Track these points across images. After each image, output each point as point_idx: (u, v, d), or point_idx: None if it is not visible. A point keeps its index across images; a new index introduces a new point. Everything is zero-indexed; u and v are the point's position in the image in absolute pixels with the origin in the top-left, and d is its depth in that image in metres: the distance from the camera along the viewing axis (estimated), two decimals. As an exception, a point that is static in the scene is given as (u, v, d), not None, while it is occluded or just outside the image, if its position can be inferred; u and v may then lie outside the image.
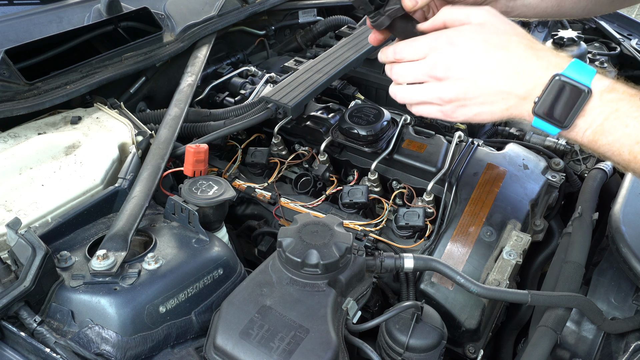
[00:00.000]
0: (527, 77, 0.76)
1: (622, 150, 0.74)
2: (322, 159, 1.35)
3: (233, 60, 1.85)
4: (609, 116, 0.74)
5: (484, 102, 0.79)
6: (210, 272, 0.96)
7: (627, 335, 1.00)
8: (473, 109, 0.81)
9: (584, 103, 0.74)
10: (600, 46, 2.23)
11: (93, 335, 0.84)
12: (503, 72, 0.77)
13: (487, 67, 0.77)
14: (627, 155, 0.74)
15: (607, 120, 0.74)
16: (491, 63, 0.77)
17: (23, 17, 1.41)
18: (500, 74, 0.77)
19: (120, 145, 1.20)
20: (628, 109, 0.73)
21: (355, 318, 0.92)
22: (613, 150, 0.75)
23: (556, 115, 0.75)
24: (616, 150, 0.74)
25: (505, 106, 0.79)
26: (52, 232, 0.96)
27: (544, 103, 0.75)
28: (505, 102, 0.78)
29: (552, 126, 0.77)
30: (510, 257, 1.09)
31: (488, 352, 1.26)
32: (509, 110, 0.79)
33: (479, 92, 0.79)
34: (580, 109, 0.74)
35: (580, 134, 0.76)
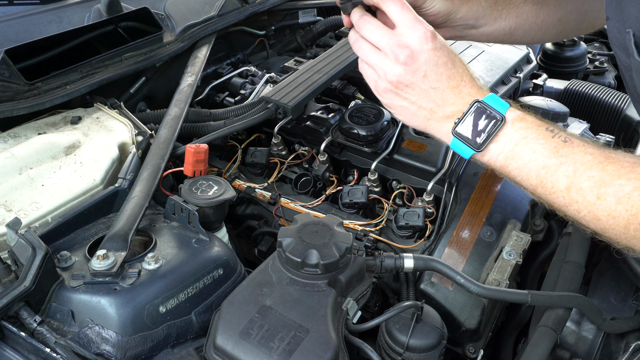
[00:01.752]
0: (456, 101, 0.85)
1: (530, 175, 0.81)
2: (322, 159, 1.35)
3: (233, 60, 1.85)
4: (519, 142, 0.81)
5: (414, 102, 0.87)
6: (210, 272, 0.96)
7: (627, 335, 1.00)
8: (401, 102, 0.88)
9: (498, 128, 0.82)
10: (600, 46, 2.23)
11: (93, 335, 0.84)
12: (442, 90, 0.86)
13: (434, 81, 0.85)
14: (534, 179, 0.81)
15: (517, 146, 0.82)
16: (437, 80, 0.85)
17: (23, 17, 1.41)
18: (440, 90, 0.86)
19: (120, 145, 1.20)
20: (536, 137, 0.81)
21: (355, 318, 0.92)
22: (522, 175, 0.82)
23: (473, 138, 0.84)
24: (525, 175, 0.82)
25: (428, 116, 0.88)
26: (52, 232, 0.96)
27: (465, 124, 0.84)
28: (430, 113, 0.88)
29: (468, 147, 0.85)
30: (510, 257, 1.09)
31: (488, 352, 1.26)
32: (429, 122, 0.88)
33: (417, 93, 0.86)
34: (494, 133, 0.82)
35: (494, 158, 0.84)
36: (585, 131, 1.46)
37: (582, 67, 2.01)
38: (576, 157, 0.78)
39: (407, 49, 0.84)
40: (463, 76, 0.87)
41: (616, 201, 0.74)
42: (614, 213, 0.74)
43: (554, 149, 0.79)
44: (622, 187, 0.74)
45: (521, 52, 1.61)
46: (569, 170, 0.78)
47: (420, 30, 0.84)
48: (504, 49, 1.60)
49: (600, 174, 0.76)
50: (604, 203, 0.75)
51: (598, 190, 0.75)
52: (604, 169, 0.76)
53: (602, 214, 0.76)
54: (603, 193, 0.75)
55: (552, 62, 2.01)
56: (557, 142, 0.80)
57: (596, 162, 0.77)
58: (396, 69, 0.85)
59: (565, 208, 0.80)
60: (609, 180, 0.75)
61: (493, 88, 1.43)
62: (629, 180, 0.74)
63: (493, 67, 1.49)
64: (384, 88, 0.89)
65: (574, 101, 1.73)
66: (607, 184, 0.75)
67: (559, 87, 1.78)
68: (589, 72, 2.04)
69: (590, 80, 1.94)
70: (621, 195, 0.73)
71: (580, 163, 0.77)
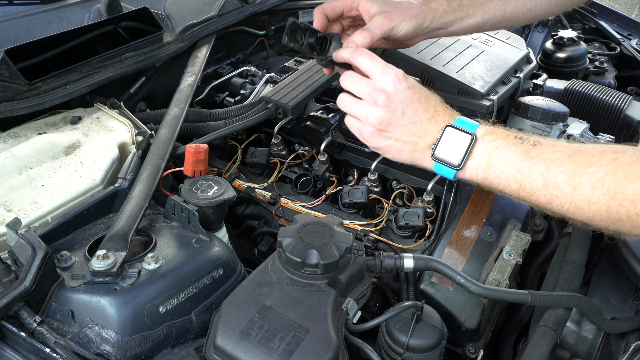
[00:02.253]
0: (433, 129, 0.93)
1: (508, 181, 0.87)
2: (322, 159, 1.35)
3: (233, 60, 1.85)
4: (492, 153, 0.88)
5: (398, 139, 0.95)
6: (210, 272, 0.96)
7: (627, 335, 1.00)
8: (386, 142, 0.96)
9: (471, 146, 0.89)
10: (600, 46, 2.23)
11: (93, 335, 0.84)
12: (420, 123, 0.94)
13: (411, 116, 0.93)
14: (514, 184, 0.86)
15: (491, 157, 0.88)
16: (415, 115, 0.93)
17: (23, 17, 1.41)
18: (419, 123, 0.94)
19: (120, 145, 1.20)
20: (506, 145, 0.88)
21: (355, 318, 0.92)
22: (502, 183, 0.88)
23: (451, 159, 0.91)
24: (504, 182, 0.88)
25: (412, 149, 0.96)
26: (52, 232, 0.96)
27: (441, 148, 0.92)
28: (413, 146, 0.95)
29: (449, 168, 0.92)
30: (510, 257, 1.09)
31: (488, 352, 1.26)
32: (415, 154, 0.96)
33: (398, 130, 0.94)
34: (468, 150, 0.89)
35: (474, 174, 0.91)
36: (585, 131, 1.46)
37: (582, 67, 2.01)
38: (546, 156, 0.83)
39: (383, 92, 0.93)
40: (437, 107, 0.95)
41: (592, 188, 0.78)
42: (592, 199, 0.78)
43: (525, 152, 0.86)
44: (594, 174, 0.78)
45: (521, 52, 1.60)
46: (541, 169, 0.83)
47: (391, 74, 0.93)
48: (504, 49, 1.59)
49: (571, 167, 0.81)
50: (581, 192, 0.79)
51: (573, 182, 0.80)
52: (574, 162, 0.81)
53: (582, 203, 0.80)
54: (578, 183, 0.79)
55: (552, 62, 2.01)
56: (527, 147, 0.86)
57: (566, 157, 0.82)
58: (376, 112, 0.94)
59: (549, 205, 0.84)
60: (580, 170, 0.80)
61: (493, 88, 1.42)
62: (600, 167, 0.78)
63: (493, 67, 1.49)
64: (368, 132, 0.97)
65: (574, 101, 1.73)
66: (580, 173, 0.80)
67: (559, 87, 1.77)
68: (589, 72, 2.04)
69: (590, 80, 1.94)
70: (595, 181, 0.78)
71: (550, 161, 0.83)
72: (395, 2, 1.07)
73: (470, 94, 1.39)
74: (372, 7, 1.05)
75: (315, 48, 1.04)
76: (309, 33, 1.03)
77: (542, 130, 1.48)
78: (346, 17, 1.12)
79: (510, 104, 1.57)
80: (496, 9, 1.14)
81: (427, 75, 1.42)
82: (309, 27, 1.03)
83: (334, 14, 1.10)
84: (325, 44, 1.04)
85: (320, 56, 1.04)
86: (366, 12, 1.07)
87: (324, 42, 1.04)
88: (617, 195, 0.76)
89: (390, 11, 1.05)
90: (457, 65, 1.45)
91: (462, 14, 1.12)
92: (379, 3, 1.06)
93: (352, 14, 1.11)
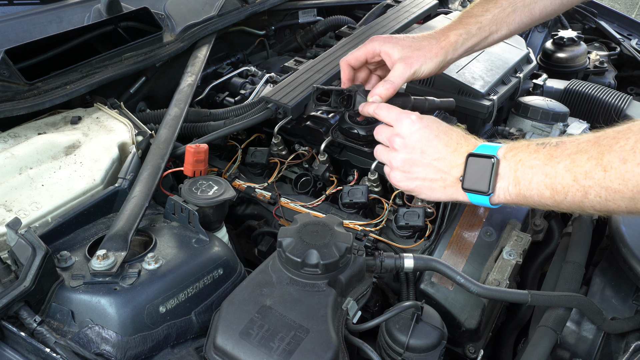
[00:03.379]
0: (457, 162, 0.93)
1: (540, 189, 0.83)
2: (322, 159, 1.35)
3: (233, 60, 1.85)
4: (516, 167, 0.87)
5: (425, 178, 0.96)
6: (210, 272, 0.96)
7: (627, 335, 1.00)
8: (415, 183, 0.98)
9: (494, 168, 0.88)
10: (600, 46, 2.23)
11: (93, 335, 0.84)
12: (443, 158, 0.95)
13: (432, 153, 0.95)
14: (547, 190, 0.83)
15: (517, 171, 0.87)
16: (436, 151, 0.95)
17: (23, 17, 1.41)
18: (442, 159, 0.95)
19: (120, 145, 1.20)
20: (528, 155, 0.86)
21: (356, 318, 0.92)
22: (536, 193, 0.85)
23: (480, 187, 0.90)
24: (537, 192, 0.84)
25: (442, 185, 0.96)
26: (52, 232, 0.96)
27: (468, 178, 0.91)
28: (442, 182, 0.95)
29: (482, 196, 0.90)
30: (510, 257, 1.09)
31: (488, 352, 1.26)
32: (447, 190, 0.96)
33: (423, 169, 0.96)
34: (494, 173, 0.88)
35: (507, 193, 0.89)
36: (585, 131, 1.46)
37: (582, 67, 2.01)
38: (570, 151, 0.80)
39: (399, 136, 0.97)
40: (459, 140, 0.95)
41: (622, 161, 0.72)
42: (626, 175, 0.72)
43: (548, 155, 0.83)
44: (622, 147, 0.73)
45: (521, 52, 1.60)
46: (567, 164, 0.79)
47: (405, 118, 0.97)
48: (504, 49, 1.60)
49: (597, 150, 0.76)
50: (612, 171, 0.73)
51: (602, 163, 0.75)
52: (599, 145, 0.76)
53: (616, 183, 0.73)
54: (607, 163, 0.74)
55: (552, 62, 2.01)
56: (549, 150, 0.83)
57: (590, 144, 0.78)
58: (397, 155, 0.98)
59: (587, 200, 0.78)
60: (607, 149, 0.75)
61: (493, 88, 1.42)
62: (628, 139, 0.73)
63: (493, 67, 1.49)
64: (395, 176, 1.00)
65: (574, 101, 1.73)
66: (607, 152, 0.74)
67: (559, 87, 1.77)
68: (589, 72, 2.04)
69: (590, 80, 1.94)
70: (624, 154, 0.72)
71: (574, 153, 0.79)
72: (416, 45, 1.11)
73: (471, 94, 1.39)
74: (393, 54, 1.11)
75: (343, 104, 1.13)
76: (334, 93, 1.13)
77: (542, 130, 1.48)
78: (370, 62, 1.18)
79: (510, 104, 1.57)
80: (522, 17, 1.15)
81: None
82: (333, 89, 1.13)
83: (358, 63, 1.17)
84: (351, 100, 1.12)
85: (348, 110, 1.14)
86: (388, 58, 1.12)
87: (349, 98, 1.13)
88: None
89: (410, 56, 1.10)
90: (457, 65, 1.45)
91: (485, 34, 1.14)
92: (399, 48, 1.10)
93: (376, 60, 1.17)
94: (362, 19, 1.99)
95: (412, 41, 1.12)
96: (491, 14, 1.13)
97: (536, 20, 1.17)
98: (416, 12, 1.86)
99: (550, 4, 1.15)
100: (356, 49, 1.17)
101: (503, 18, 1.13)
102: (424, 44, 1.11)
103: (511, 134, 1.50)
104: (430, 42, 1.12)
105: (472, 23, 1.13)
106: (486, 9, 1.14)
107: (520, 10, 1.14)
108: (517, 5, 1.13)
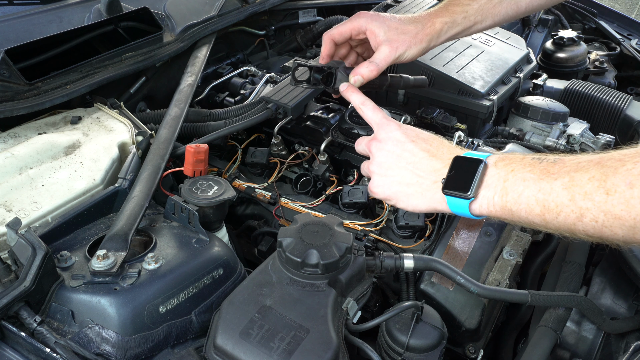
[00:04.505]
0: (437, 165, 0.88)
1: (530, 204, 0.76)
2: (322, 159, 1.35)
3: (233, 60, 1.85)
4: (507, 177, 0.80)
5: (401, 182, 0.91)
6: (210, 272, 0.96)
7: (627, 335, 1.00)
8: (392, 188, 0.93)
9: (481, 172, 0.82)
10: (600, 46, 2.23)
11: (93, 335, 0.84)
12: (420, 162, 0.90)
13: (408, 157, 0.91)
14: (537, 207, 0.75)
15: (507, 181, 0.79)
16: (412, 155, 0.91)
17: (23, 17, 1.41)
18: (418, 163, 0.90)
19: (120, 145, 1.20)
20: (521, 168, 0.79)
21: (356, 318, 0.92)
22: (524, 208, 0.77)
23: (460, 187, 0.82)
24: (526, 206, 0.77)
25: (420, 190, 0.90)
26: (52, 232, 0.96)
27: (449, 179, 0.85)
28: (419, 186, 0.90)
29: (462, 200, 0.83)
30: (510, 257, 1.09)
31: (488, 352, 1.26)
32: (425, 195, 0.89)
33: (397, 172, 0.92)
34: (478, 176, 0.81)
35: (491, 203, 0.81)
36: (585, 131, 1.46)
37: (582, 67, 2.01)
38: (569, 168, 0.73)
39: (376, 141, 0.96)
40: (439, 146, 0.91)
41: (628, 186, 0.65)
42: (632, 201, 0.65)
43: (544, 170, 0.76)
44: (630, 171, 0.66)
45: (521, 52, 1.61)
46: (564, 182, 0.72)
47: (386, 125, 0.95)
48: (504, 49, 1.60)
49: (600, 171, 0.69)
50: (616, 195, 0.67)
51: (605, 186, 0.68)
52: (603, 165, 0.70)
53: (619, 209, 0.67)
54: (611, 186, 0.67)
55: (552, 62, 2.02)
56: (546, 165, 0.77)
57: (593, 164, 0.71)
58: (374, 160, 0.95)
59: (580, 223, 0.71)
60: (612, 172, 0.68)
61: (493, 88, 1.42)
62: (636, 162, 0.66)
63: (493, 67, 1.49)
64: (373, 182, 0.96)
65: (574, 101, 1.73)
66: (612, 174, 0.68)
67: (559, 87, 1.78)
68: (589, 72, 2.04)
69: (590, 80, 1.94)
70: (632, 178, 0.66)
71: (574, 171, 0.72)
72: (402, 28, 1.10)
73: (470, 94, 1.39)
74: (379, 33, 1.09)
75: (323, 82, 1.11)
76: (314, 70, 1.10)
77: (542, 130, 1.48)
78: (354, 39, 1.16)
79: (510, 104, 1.58)
80: (508, 9, 1.14)
81: (427, 75, 1.42)
82: (312, 65, 1.10)
83: (342, 38, 1.15)
84: (331, 77, 1.10)
85: (328, 88, 1.11)
86: (373, 37, 1.10)
87: (329, 76, 1.10)
88: None
89: (396, 39, 1.08)
90: (457, 65, 1.45)
91: (470, 23, 1.13)
92: (385, 28, 1.09)
93: (360, 37, 1.15)
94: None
95: (399, 23, 1.10)
96: (478, 3, 1.13)
97: (522, 12, 1.16)
98: (416, 13, 1.86)
99: None
100: (341, 24, 1.15)
101: (489, 9, 1.13)
102: (410, 29, 1.10)
103: (511, 134, 1.50)
104: (417, 27, 1.10)
105: (458, 12, 1.12)
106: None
107: (507, 2, 1.13)
108: None
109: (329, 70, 1.10)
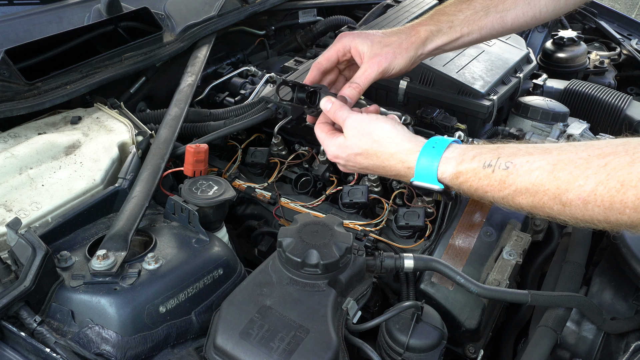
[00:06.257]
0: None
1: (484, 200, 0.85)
2: (322, 159, 1.35)
3: (233, 60, 1.85)
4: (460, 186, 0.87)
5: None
6: (210, 272, 0.96)
7: (627, 335, 1.00)
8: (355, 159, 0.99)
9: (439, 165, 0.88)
10: (600, 46, 2.23)
11: (93, 335, 0.84)
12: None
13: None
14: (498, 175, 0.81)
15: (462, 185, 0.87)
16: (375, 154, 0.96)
17: (23, 17, 1.41)
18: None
19: (120, 145, 1.20)
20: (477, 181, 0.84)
21: (356, 318, 0.92)
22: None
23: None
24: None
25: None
26: (52, 232, 0.96)
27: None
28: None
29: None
30: (510, 257, 1.09)
31: (488, 352, 1.26)
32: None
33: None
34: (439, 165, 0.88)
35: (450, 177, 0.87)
36: (585, 131, 1.46)
37: (582, 67, 2.01)
38: (523, 181, 0.78)
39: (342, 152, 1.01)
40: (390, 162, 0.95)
41: (583, 203, 0.72)
42: (586, 214, 0.73)
43: (501, 182, 0.81)
44: (581, 187, 0.72)
45: (521, 52, 1.60)
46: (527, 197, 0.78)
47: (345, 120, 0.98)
48: (504, 49, 1.59)
49: (554, 184, 0.75)
50: (571, 209, 0.74)
51: (560, 200, 0.74)
52: (556, 178, 0.75)
53: (572, 223, 0.75)
54: (566, 201, 0.74)
55: (552, 62, 2.01)
56: (501, 175, 0.81)
57: (546, 173, 0.76)
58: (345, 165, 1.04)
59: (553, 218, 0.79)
60: (564, 186, 0.73)
61: (493, 88, 1.42)
62: (587, 178, 0.71)
63: (493, 67, 1.49)
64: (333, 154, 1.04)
65: (574, 101, 1.73)
66: (566, 190, 0.73)
67: (559, 87, 1.77)
68: (589, 72, 2.04)
69: (590, 80, 1.94)
70: (585, 196, 0.72)
71: (530, 183, 0.77)
72: (386, 40, 1.09)
73: (470, 93, 1.39)
74: (363, 49, 1.08)
75: (306, 102, 1.09)
76: (297, 89, 1.09)
77: (542, 130, 1.48)
78: (341, 62, 1.15)
79: (510, 104, 1.57)
80: (494, 23, 1.13)
81: (427, 75, 1.42)
82: (297, 83, 1.09)
83: (330, 64, 1.13)
84: (315, 97, 1.08)
85: (310, 109, 1.09)
86: (358, 55, 1.10)
87: (313, 96, 1.09)
88: (615, 206, 0.69)
89: (379, 54, 1.07)
90: (457, 65, 1.45)
91: (457, 35, 1.12)
92: (368, 43, 1.08)
93: (347, 58, 1.14)
94: (362, 19, 1.99)
95: (382, 37, 1.10)
96: (463, 14, 1.12)
97: (507, 29, 1.15)
98: (416, 12, 1.86)
99: (522, 14, 1.13)
100: (326, 50, 1.14)
101: (475, 21, 1.12)
102: (393, 40, 1.09)
103: (511, 133, 1.50)
104: (400, 37, 1.10)
105: (443, 21, 1.12)
106: (459, 9, 1.12)
107: (492, 15, 1.12)
108: (489, 10, 1.12)
109: (312, 90, 1.09)
